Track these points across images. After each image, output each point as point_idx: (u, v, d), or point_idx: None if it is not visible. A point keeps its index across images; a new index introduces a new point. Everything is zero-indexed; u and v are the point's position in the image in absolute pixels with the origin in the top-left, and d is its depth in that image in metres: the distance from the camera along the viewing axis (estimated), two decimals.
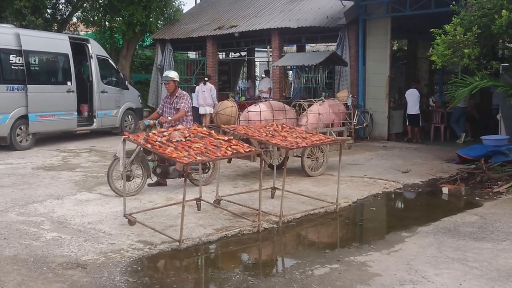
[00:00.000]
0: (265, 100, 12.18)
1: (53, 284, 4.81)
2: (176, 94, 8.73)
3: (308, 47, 23.66)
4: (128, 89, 16.87)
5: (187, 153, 5.92)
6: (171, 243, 5.94)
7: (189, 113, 8.81)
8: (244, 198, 7.96)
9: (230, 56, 24.08)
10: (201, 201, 7.39)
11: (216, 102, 15.88)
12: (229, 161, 9.35)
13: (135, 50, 22.60)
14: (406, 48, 22.47)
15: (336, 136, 10.99)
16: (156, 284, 4.94)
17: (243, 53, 23.19)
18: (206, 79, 16.81)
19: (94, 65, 15.36)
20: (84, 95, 15.24)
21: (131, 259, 5.51)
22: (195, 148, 6.09)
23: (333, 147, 9.82)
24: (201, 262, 5.84)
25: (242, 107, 15.90)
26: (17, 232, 6.29)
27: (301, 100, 11.71)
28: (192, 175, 8.68)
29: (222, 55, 23.39)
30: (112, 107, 15.94)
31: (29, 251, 5.65)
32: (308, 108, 11.04)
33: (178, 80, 8.83)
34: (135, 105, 17.12)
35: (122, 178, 8.28)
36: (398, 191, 9.04)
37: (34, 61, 13.54)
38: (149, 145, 6.09)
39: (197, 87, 17.01)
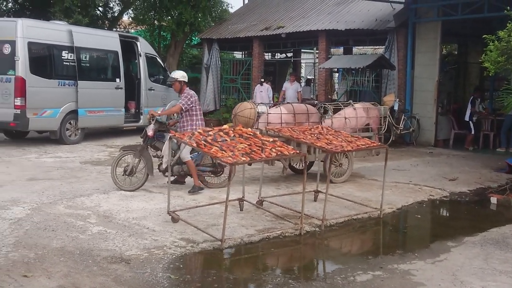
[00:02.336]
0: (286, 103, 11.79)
1: (98, 277, 4.90)
2: (184, 94, 8.46)
3: (355, 49, 23.41)
4: None
5: (232, 153, 5.94)
6: (213, 242, 5.98)
7: (195, 113, 8.42)
8: (286, 200, 7.94)
9: (276, 57, 24.07)
10: (244, 202, 7.41)
11: (272, 102, 15.88)
12: (272, 163, 9.35)
13: (182, 48, 22.85)
14: (456, 52, 21.96)
15: None
16: (197, 282, 4.98)
17: (289, 54, 23.15)
18: (262, 80, 17.11)
19: (142, 63, 15.62)
20: (132, 92, 15.51)
21: (174, 256, 5.57)
22: (240, 149, 6.11)
23: (359, 153, 9.42)
24: (242, 263, 5.85)
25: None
26: (65, 224, 6.45)
27: (326, 103, 11.48)
28: (205, 177, 8.63)
29: (268, 56, 23.41)
30: (159, 104, 16.15)
31: (75, 243, 5.78)
32: (332, 111, 10.75)
33: (185, 80, 8.53)
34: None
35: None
36: (444, 199, 8.84)
37: (85, 57, 13.88)
38: (194, 144, 6.14)
39: (255, 88, 17.27)
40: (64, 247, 5.67)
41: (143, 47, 15.84)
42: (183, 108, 8.29)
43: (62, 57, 13.22)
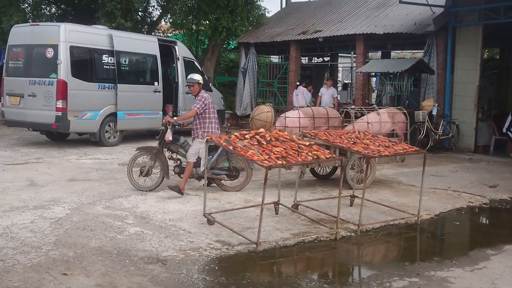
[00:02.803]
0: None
1: (135, 277, 4.98)
2: (198, 96, 8.41)
3: (393, 53, 23.19)
4: (211, 91, 17.17)
5: (268, 156, 5.95)
6: (248, 244, 6.00)
7: (208, 115, 8.37)
8: (322, 204, 7.91)
9: (313, 61, 24.01)
10: (279, 205, 7.41)
11: (309, 104, 15.84)
12: (290, 168, 9.08)
13: (220, 52, 23.02)
14: (498, 57, 21.48)
15: None
16: (232, 284, 5.00)
17: (326, 59, 23.06)
18: (298, 83, 17.03)
19: (180, 66, 15.81)
20: (170, 95, 15.70)
21: (209, 258, 5.61)
22: (276, 152, 6.11)
23: (382, 159, 9.09)
24: (277, 266, 5.84)
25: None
26: (103, 224, 6.57)
27: (349, 108, 11.28)
28: (221, 181, 8.65)
29: (305, 60, 23.38)
30: None
31: (113, 243, 5.89)
32: (355, 116, 10.53)
33: (202, 83, 8.53)
34: (217, 107, 17.28)
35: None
36: (484, 206, 8.65)
37: (125, 61, 14.13)
38: (231, 147, 6.17)
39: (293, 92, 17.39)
40: (102, 246, 5.77)
41: (181, 51, 16.04)
42: (198, 112, 8.28)
43: (103, 61, 13.49)
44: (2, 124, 14.53)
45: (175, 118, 8.40)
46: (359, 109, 11.15)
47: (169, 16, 23.46)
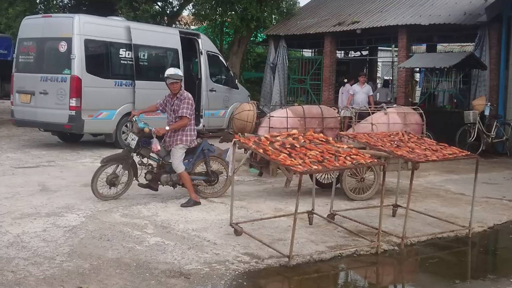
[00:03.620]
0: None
1: None
2: (177, 95, 8.18)
3: (439, 47, 22.96)
4: (237, 88, 17.26)
5: (302, 161, 5.93)
6: (280, 258, 5.98)
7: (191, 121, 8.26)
8: (361, 214, 7.85)
9: (349, 55, 23.91)
10: (314, 215, 7.38)
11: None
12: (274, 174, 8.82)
13: (246, 46, 23.09)
14: None
15: None
16: None
17: (364, 52, 22.94)
18: (345, 80, 16.88)
19: (203, 61, 15.87)
20: (192, 93, 15.64)
21: (237, 272, 5.61)
22: (310, 156, 6.09)
23: (390, 166, 8.70)
24: (311, 282, 5.82)
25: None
26: (121, 234, 6.63)
27: (349, 107, 10.87)
28: (199, 187, 8.48)
29: (340, 54, 23.30)
30: (220, 107, 16.37)
31: (132, 255, 5.94)
32: (356, 117, 10.07)
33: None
34: None
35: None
36: None
37: (143, 56, 14.26)
38: (261, 150, 6.17)
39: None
40: (120, 258, 5.82)
41: (205, 44, 16.11)
42: (190, 118, 8.15)
43: (120, 55, 13.62)
44: (11, 123, 14.80)
45: (167, 128, 8.07)
46: (364, 109, 10.79)
47: (191, 6, 23.62)
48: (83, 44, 12.70)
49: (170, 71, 8.25)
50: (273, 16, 22.21)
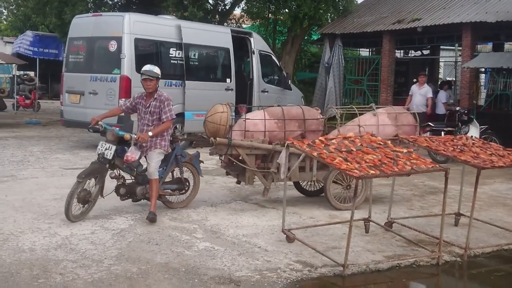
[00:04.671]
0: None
1: None
2: (155, 96, 7.60)
3: (507, 45, 22.38)
4: (290, 89, 17.24)
5: (359, 165, 5.88)
6: (334, 267, 5.94)
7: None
8: (421, 223, 7.72)
9: (409, 55, 23.58)
10: (370, 222, 7.30)
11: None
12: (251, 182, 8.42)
13: (300, 45, 23.06)
14: None
15: None
16: None
17: (425, 52, 22.58)
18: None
19: (256, 61, 15.92)
20: (243, 94, 15.84)
21: (289, 280, 5.60)
22: (368, 160, 6.03)
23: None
24: None
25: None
26: (169, 238, 6.72)
27: (335, 108, 9.76)
28: (166, 196, 8.01)
29: (400, 54, 23.01)
30: None
31: (180, 260, 6.00)
32: (340, 117, 9.15)
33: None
34: None
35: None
36: None
37: (194, 55, 14.41)
38: (315, 153, 6.14)
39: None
40: (169, 263, 5.90)
41: (257, 43, 16.16)
42: (172, 120, 7.72)
43: (170, 55, 13.81)
44: (60, 124, 15.19)
45: (150, 133, 7.39)
46: (349, 110, 9.81)
47: (243, 4, 23.75)
48: (133, 43, 12.92)
49: (146, 67, 7.65)
50: (329, 14, 22.09)
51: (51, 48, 21.91)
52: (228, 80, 15.01)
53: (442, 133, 12.48)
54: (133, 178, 7.68)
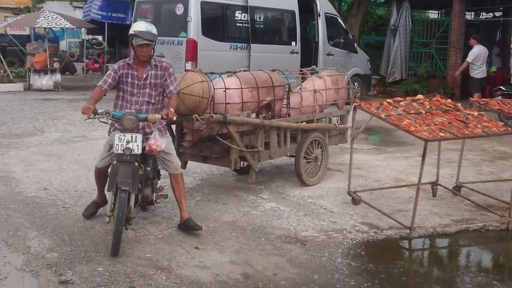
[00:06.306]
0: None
1: (271, 257, 5.14)
2: (153, 63, 5.70)
3: None
4: (356, 52, 17.01)
5: (428, 127, 5.80)
6: (400, 229, 5.92)
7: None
8: (490, 187, 7.57)
9: (481, 17, 22.78)
10: (438, 186, 7.21)
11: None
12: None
13: (367, 8, 22.61)
14: None
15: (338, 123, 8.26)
16: (381, 273, 4.99)
17: (497, 14, 21.76)
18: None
19: (321, 24, 15.75)
20: (308, 57, 15.74)
21: (354, 241, 5.63)
22: (437, 123, 5.94)
23: (333, 139, 8.11)
24: (434, 256, 5.73)
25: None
26: (236, 198, 6.84)
27: (287, 72, 8.35)
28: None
29: (470, 16, 22.25)
30: None
31: (247, 219, 6.11)
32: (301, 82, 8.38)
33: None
34: (363, 71, 17.21)
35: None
36: None
37: (259, 18, 14.39)
38: (383, 115, 6.09)
39: None
40: (236, 221, 6.02)
41: (323, 6, 15.96)
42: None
43: (235, 18, 13.83)
44: None
45: (171, 109, 5.46)
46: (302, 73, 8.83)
47: None
48: (199, 6, 12.99)
49: (141, 26, 5.79)
50: None
51: (119, 12, 22.27)
52: (293, 43, 14.94)
53: None
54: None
